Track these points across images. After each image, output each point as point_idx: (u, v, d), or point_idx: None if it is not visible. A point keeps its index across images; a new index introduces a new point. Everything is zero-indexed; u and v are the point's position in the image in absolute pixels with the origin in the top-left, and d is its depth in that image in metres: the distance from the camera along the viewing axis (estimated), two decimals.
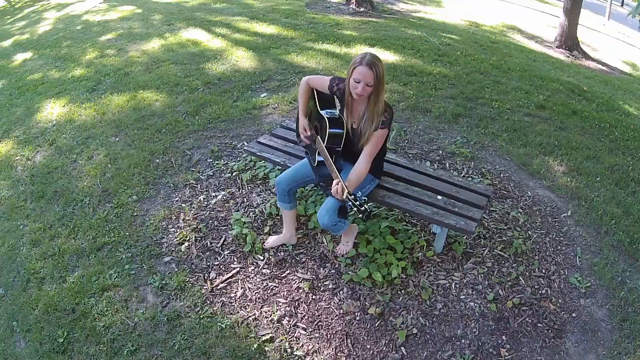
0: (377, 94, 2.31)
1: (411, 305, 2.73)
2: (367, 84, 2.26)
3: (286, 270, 2.86)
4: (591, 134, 5.13)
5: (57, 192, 3.69)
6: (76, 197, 3.59)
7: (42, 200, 3.63)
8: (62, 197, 3.61)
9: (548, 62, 8.03)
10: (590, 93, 6.50)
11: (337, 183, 2.17)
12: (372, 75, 2.24)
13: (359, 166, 2.39)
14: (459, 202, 2.79)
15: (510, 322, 2.69)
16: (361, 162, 2.40)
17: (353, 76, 2.28)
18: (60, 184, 3.79)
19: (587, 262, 3.20)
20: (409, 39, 7.55)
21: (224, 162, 3.84)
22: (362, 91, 2.28)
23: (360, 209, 2.07)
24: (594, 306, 2.86)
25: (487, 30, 9.66)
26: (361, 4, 8.92)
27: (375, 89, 2.29)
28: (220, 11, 8.61)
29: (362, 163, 2.40)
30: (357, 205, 2.07)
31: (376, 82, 2.26)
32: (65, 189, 3.72)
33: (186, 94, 5.02)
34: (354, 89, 2.31)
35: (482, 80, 6.21)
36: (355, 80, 2.27)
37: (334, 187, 2.17)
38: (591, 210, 3.77)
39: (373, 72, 2.24)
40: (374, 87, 2.28)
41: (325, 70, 5.78)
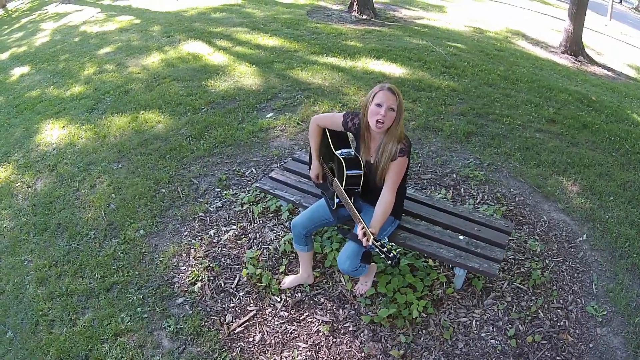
0: (398, 122, 2.29)
1: (433, 345, 2.73)
2: (390, 108, 2.22)
3: (304, 312, 2.86)
4: (602, 149, 5.16)
5: (61, 225, 3.67)
6: (81, 231, 3.57)
7: (45, 233, 3.61)
8: (66, 230, 3.59)
9: (554, 69, 8.06)
10: (598, 103, 6.54)
11: (362, 229, 2.14)
12: (395, 98, 2.22)
13: (384, 198, 2.33)
14: (481, 241, 2.81)
15: (530, 358, 2.70)
16: (385, 194, 2.34)
17: (374, 102, 2.24)
18: (64, 215, 3.77)
19: (602, 289, 3.23)
20: (414, 50, 7.57)
21: (233, 193, 3.82)
22: (385, 115, 2.22)
23: (388, 256, 2.04)
24: (610, 334, 2.90)
25: (492, 36, 9.68)
26: (363, 12, 8.90)
27: (397, 116, 2.26)
28: (220, 21, 8.57)
29: (387, 195, 2.34)
30: (385, 252, 2.05)
31: (399, 106, 2.24)
32: (69, 221, 3.69)
33: (189, 114, 5.00)
34: (375, 116, 2.25)
35: (491, 93, 6.23)
36: (376, 104, 2.23)
37: (359, 231, 2.15)
38: (606, 233, 3.80)
39: (395, 97, 2.22)
40: (397, 113, 2.25)
41: (331, 87, 5.78)
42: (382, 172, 2.39)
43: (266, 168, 4.17)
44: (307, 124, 4.92)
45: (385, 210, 2.34)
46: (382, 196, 2.35)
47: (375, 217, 2.28)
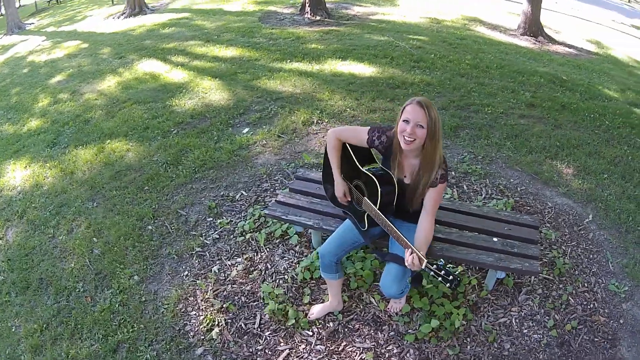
0: (433, 142, 2.19)
1: (480, 351, 2.82)
2: (417, 124, 2.14)
3: (342, 342, 2.83)
4: (585, 128, 5.49)
5: (43, 280, 3.43)
6: (67, 285, 3.35)
7: (28, 291, 3.36)
8: (51, 286, 3.36)
9: (519, 53, 8.50)
10: (570, 82, 6.97)
11: (411, 253, 2.14)
12: (423, 114, 2.13)
13: (425, 225, 2.33)
14: (514, 240, 2.93)
15: (572, 344, 2.88)
16: (426, 224, 2.33)
17: (402, 117, 2.20)
18: (44, 268, 3.53)
19: (618, 265, 3.50)
20: (378, 47, 7.73)
21: (228, 221, 3.71)
22: (412, 133, 2.16)
23: (447, 279, 2.04)
24: (635, 308, 3.15)
25: (450, 25, 10.08)
26: (316, 13, 9.05)
27: (430, 135, 2.17)
28: (171, 36, 8.44)
29: (427, 222, 2.33)
30: (443, 275, 2.03)
31: (430, 124, 2.14)
32: (52, 274, 3.46)
33: (160, 139, 4.84)
34: (402, 132, 2.19)
35: (466, 84, 6.47)
36: (404, 120, 2.18)
37: (409, 259, 2.15)
38: (608, 211, 4.07)
39: (424, 111, 2.13)
40: (428, 130, 2.16)
41: (304, 94, 5.78)
42: (419, 196, 2.36)
43: (257, 189, 4.09)
44: (288, 136, 4.89)
45: (428, 238, 2.34)
46: (422, 223, 2.34)
47: (419, 246, 2.27)
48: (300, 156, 4.56)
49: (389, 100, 5.85)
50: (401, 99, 5.88)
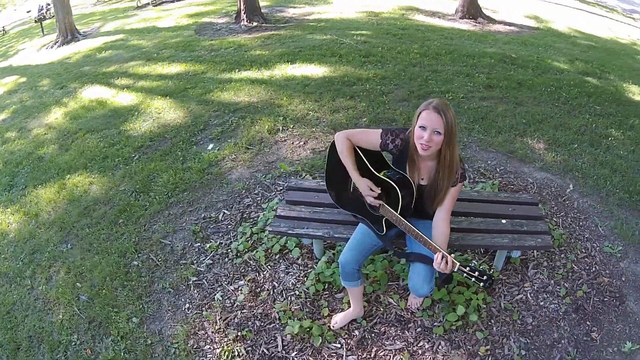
0: (450, 147, 2.26)
1: (507, 330, 3.00)
2: (435, 131, 2.20)
3: (372, 347, 2.89)
4: (545, 102, 5.88)
5: (33, 337, 3.21)
6: (60, 339, 3.15)
7: (19, 352, 3.13)
8: (43, 343, 3.15)
9: (463, 36, 8.95)
10: (520, 59, 7.43)
11: (442, 257, 2.21)
12: (440, 121, 2.17)
13: (444, 224, 2.41)
14: (521, 219, 3.16)
15: (586, 308, 3.16)
16: (443, 225, 2.42)
17: (418, 123, 2.24)
18: (30, 324, 3.30)
19: (607, 228, 3.85)
20: (323, 46, 7.88)
21: (217, 243, 3.65)
22: (429, 141, 2.21)
23: (481, 279, 2.16)
24: (632, 264, 3.51)
25: (388, 17, 10.43)
26: (253, 19, 9.18)
27: (446, 140, 2.22)
28: (109, 60, 8.24)
29: (445, 223, 2.42)
30: (477, 276, 2.14)
31: (446, 130, 2.19)
32: (40, 329, 3.25)
33: (122, 167, 4.68)
34: (419, 139, 2.25)
35: (420, 73, 6.74)
36: (420, 127, 2.23)
37: (439, 263, 2.22)
38: (586, 179, 4.40)
39: (442, 118, 2.17)
40: (445, 136, 2.21)
41: (262, 102, 5.79)
42: (440, 199, 2.43)
43: (239, 206, 4.05)
44: (256, 147, 4.88)
45: (447, 235, 2.42)
46: (440, 221, 2.43)
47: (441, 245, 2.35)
48: (275, 166, 4.56)
49: (349, 98, 5.98)
50: (361, 95, 6.04)
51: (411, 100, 5.95)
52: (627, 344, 2.92)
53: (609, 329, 3.04)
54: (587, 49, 9.22)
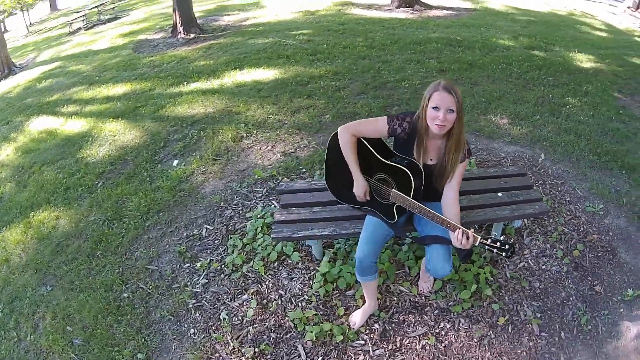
0: (460, 122, 2.39)
1: (518, 297, 3.18)
2: (448, 110, 2.31)
3: (396, 338, 2.95)
4: (499, 79, 6.19)
5: None
6: None
7: None
8: None
9: (404, 25, 9.27)
10: (465, 41, 7.78)
11: (463, 233, 2.31)
12: (452, 99, 2.30)
13: (455, 204, 2.52)
14: (514, 190, 3.37)
15: (584, 265, 3.42)
16: (454, 203, 2.53)
17: (430, 105, 2.34)
18: None
19: (585, 190, 4.17)
20: (267, 49, 7.91)
21: (208, 260, 3.57)
22: (444, 119, 2.32)
23: (504, 249, 2.28)
24: (614, 219, 3.83)
25: (325, 14, 10.61)
26: (189, 31, 9.17)
27: (459, 117, 2.36)
28: (51, 89, 7.97)
29: (456, 201, 2.53)
30: (498, 247, 2.27)
31: (458, 107, 2.33)
32: None
33: (87, 196, 4.49)
34: (433, 120, 2.34)
35: (371, 65, 6.91)
36: (434, 108, 2.32)
37: (460, 238, 2.31)
38: (555, 147, 4.68)
39: (453, 96, 2.30)
40: (457, 113, 2.34)
41: (219, 111, 5.73)
42: (449, 175, 2.53)
43: (221, 219, 4.00)
44: (224, 157, 4.82)
45: (458, 211, 2.56)
46: (450, 198, 2.54)
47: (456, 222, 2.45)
48: (248, 174, 4.53)
49: (306, 97, 6.03)
50: (318, 93, 6.10)
51: (368, 92, 6.08)
52: (629, 291, 3.15)
53: (609, 280, 3.28)
54: (527, 24, 9.78)
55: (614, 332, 2.94)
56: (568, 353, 2.83)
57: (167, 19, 11.77)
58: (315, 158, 4.66)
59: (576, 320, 3.01)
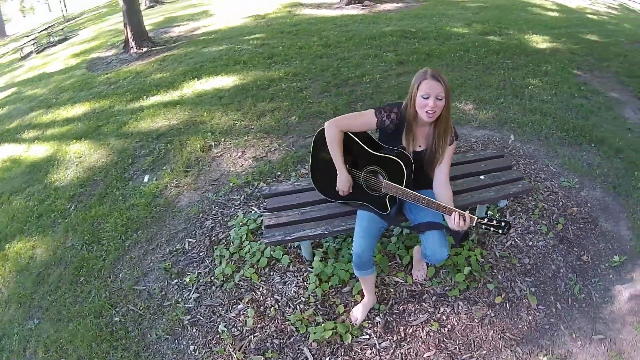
0: (448, 107, 2.45)
1: (511, 275, 3.29)
2: (437, 98, 2.36)
3: (399, 328, 2.99)
4: (459, 67, 6.34)
5: None
6: None
7: None
8: None
9: (356, 21, 9.41)
10: (419, 32, 7.95)
11: (460, 215, 2.39)
12: (440, 87, 2.35)
13: (447, 188, 2.59)
14: (495, 172, 3.47)
15: (569, 237, 3.58)
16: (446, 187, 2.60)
17: (420, 93, 2.38)
18: None
19: (557, 166, 4.36)
20: (223, 56, 7.86)
21: (196, 274, 3.50)
22: (434, 107, 2.37)
23: (500, 226, 2.36)
24: (591, 191, 4.02)
25: (276, 17, 10.63)
26: (142, 45, 9.12)
27: (447, 103, 2.42)
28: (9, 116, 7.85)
29: (447, 185, 2.60)
30: (495, 225, 2.35)
31: (446, 93, 2.39)
32: None
33: (61, 221, 4.33)
34: (424, 108, 2.39)
35: (329, 63, 6.98)
36: (423, 96, 2.37)
37: (457, 221, 2.38)
38: (522, 127, 4.87)
39: (441, 84, 2.35)
40: (446, 100, 2.40)
41: (183, 122, 5.65)
42: (439, 160, 2.59)
43: (202, 230, 3.93)
44: (195, 168, 4.74)
45: (451, 194, 2.62)
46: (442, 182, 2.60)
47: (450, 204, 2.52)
48: (222, 182, 4.47)
49: (269, 100, 6.02)
50: (280, 95, 6.10)
51: (331, 90, 6.12)
52: (615, 257, 3.29)
53: (595, 249, 3.42)
54: (478, 10, 10.06)
55: (607, 298, 3.06)
56: (567, 322, 2.93)
57: (117, 35, 11.51)
58: (288, 160, 4.64)
59: (569, 290, 3.12)
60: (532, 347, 2.82)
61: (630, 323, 2.88)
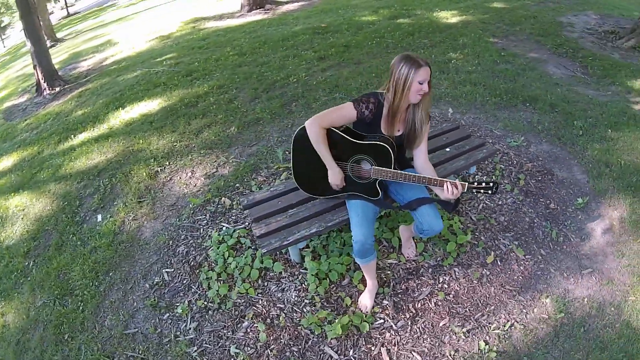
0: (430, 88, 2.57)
1: (492, 235, 3.47)
2: (428, 80, 2.49)
3: (408, 305, 3.06)
4: (379, 53, 6.64)
5: None
6: None
7: None
8: None
9: (263, 26, 9.41)
10: (330, 26, 8.12)
11: (451, 184, 2.49)
12: (429, 71, 2.49)
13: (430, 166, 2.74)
14: (458, 142, 3.62)
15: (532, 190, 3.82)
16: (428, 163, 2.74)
17: (417, 79, 2.45)
18: None
19: (500, 129, 4.64)
20: (140, 81, 7.56)
21: (187, 302, 3.31)
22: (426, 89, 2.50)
23: (489, 187, 2.50)
24: (539, 146, 4.31)
25: (181, 35, 10.37)
26: (53, 85, 8.72)
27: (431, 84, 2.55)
28: None
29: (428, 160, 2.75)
30: (484, 186, 2.48)
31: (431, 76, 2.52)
32: None
33: (23, 281, 3.96)
34: (418, 92, 2.49)
35: (250, 70, 6.97)
36: (420, 82, 2.47)
37: (451, 189, 2.49)
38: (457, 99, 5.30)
39: (429, 68, 2.49)
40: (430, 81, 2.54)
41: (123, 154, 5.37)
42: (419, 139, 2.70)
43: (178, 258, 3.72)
44: (148, 197, 4.50)
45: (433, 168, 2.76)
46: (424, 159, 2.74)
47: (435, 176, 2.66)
48: (180, 205, 4.27)
49: (202, 117, 5.84)
50: (212, 110, 5.97)
51: (261, 96, 6.05)
52: (578, 200, 3.53)
53: (558, 196, 3.68)
54: None
55: (583, 236, 3.29)
56: (555, 264, 3.11)
57: (26, 79, 10.68)
58: (242, 171, 4.52)
59: (548, 237, 3.31)
60: (532, 293, 2.96)
61: (611, 253, 3.11)
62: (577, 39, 6.67)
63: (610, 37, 6.86)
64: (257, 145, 4.97)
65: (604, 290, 2.93)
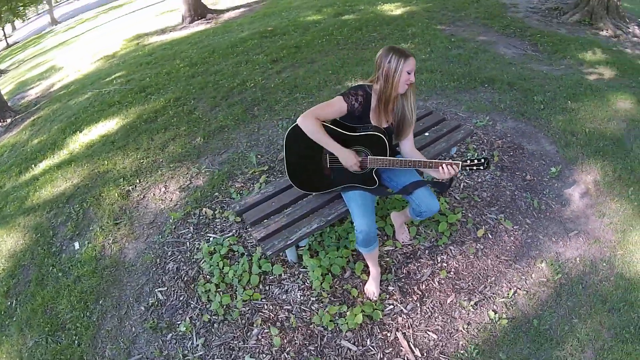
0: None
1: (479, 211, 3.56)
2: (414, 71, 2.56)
3: (413, 287, 3.10)
4: (332, 51, 6.64)
5: None
6: None
7: None
8: None
9: (209, 36, 9.31)
10: (277, 29, 8.10)
11: (447, 165, 2.55)
12: (415, 61, 2.54)
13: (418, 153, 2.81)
14: (435, 126, 3.72)
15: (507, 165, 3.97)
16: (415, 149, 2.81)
17: (405, 69, 2.51)
18: None
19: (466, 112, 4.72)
20: (94, 103, 7.29)
21: (188, 319, 3.20)
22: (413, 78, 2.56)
23: (482, 163, 2.58)
24: (504, 123, 4.49)
25: (126, 52, 10.03)
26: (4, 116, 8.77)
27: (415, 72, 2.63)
28: None
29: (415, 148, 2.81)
30: (476, 163, 2.57)
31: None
32: None
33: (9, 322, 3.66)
34: (406, 82, 2.55)
35: (205, 80, 6.89)
36: (408, 72, 2.52)
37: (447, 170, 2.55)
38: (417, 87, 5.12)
39: (414, 58, 2.55)
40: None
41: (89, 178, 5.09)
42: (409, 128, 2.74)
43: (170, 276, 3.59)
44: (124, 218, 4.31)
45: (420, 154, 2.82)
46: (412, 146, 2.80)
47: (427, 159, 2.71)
48: (160, 222, 4.12)
49: (164, 131, 5.65)
50: (173, 122, 5.78)
51: (221, 104, 5.94)
52: (552, 169, 3.67)
53: (532, 168, 3.81)
54: None
55: (563, 202, 3.41)
56: (542, 231, 3.21)
57: None
58: (217, 180, 4.41)
59: (530, 206, 3.41)
60: (527, 260, 3.05)
61: (592, 214, 3.24)
62: (523, 19, 6.92)
63: (554, 13, 7.15)
64: (227, 153, 4.86)
65: (593, 248, 3.05)
